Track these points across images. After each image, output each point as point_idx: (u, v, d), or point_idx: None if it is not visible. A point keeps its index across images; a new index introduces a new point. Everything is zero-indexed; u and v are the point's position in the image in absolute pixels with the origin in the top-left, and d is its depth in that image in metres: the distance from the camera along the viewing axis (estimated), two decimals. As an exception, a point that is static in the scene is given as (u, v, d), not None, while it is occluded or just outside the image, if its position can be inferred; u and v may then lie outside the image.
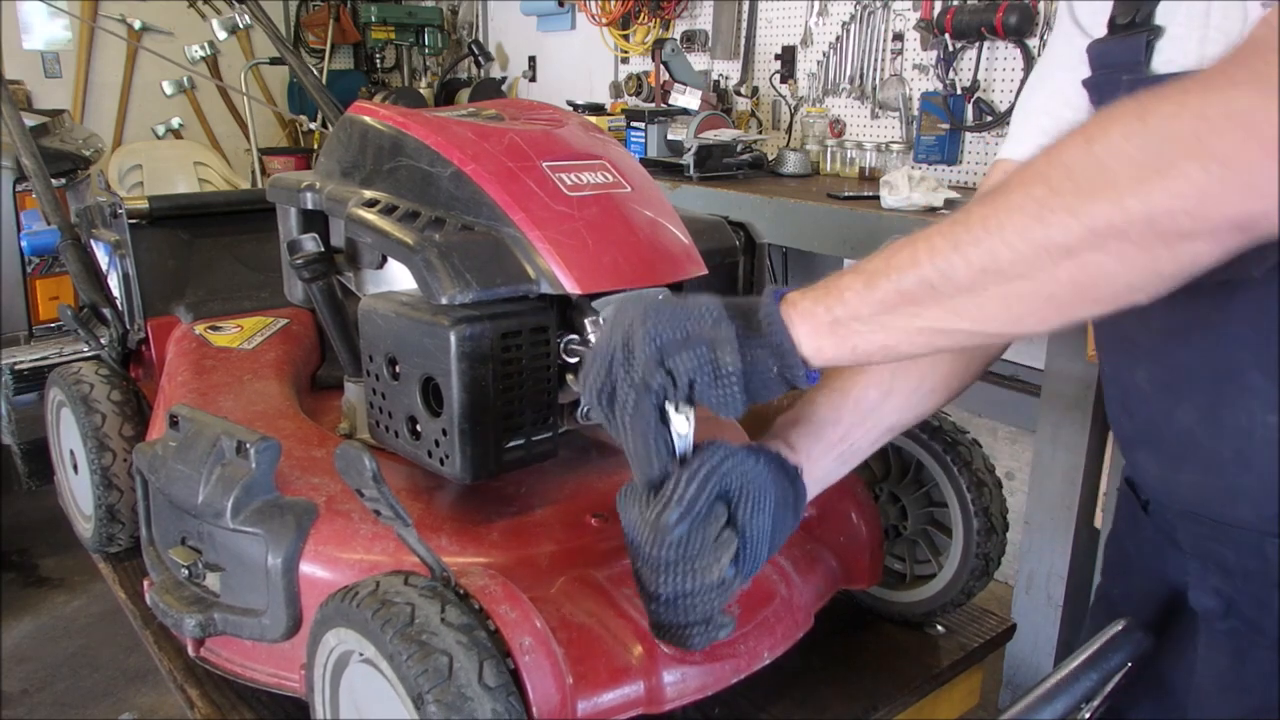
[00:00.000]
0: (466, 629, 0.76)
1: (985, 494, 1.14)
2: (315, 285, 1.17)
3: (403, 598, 0.78)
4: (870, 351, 0.75)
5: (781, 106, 3.99)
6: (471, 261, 0.98)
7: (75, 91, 5.55)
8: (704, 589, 0.81)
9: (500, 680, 0.74)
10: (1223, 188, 0.56)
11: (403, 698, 0.76)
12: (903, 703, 1.12)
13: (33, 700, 2.68)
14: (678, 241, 1.10)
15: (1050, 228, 0.62)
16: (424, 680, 0.73)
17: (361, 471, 0.80)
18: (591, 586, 0.98)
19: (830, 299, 0.75)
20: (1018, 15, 2.98)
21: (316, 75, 5.56)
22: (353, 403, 1.29)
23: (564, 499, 1.11)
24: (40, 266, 3.35)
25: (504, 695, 0.74)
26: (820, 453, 0.93)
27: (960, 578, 1.16)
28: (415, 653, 0.74)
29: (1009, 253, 0.64)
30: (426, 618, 0.76)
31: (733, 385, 0.77)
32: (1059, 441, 2.36)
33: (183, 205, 1.64)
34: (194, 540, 1.07)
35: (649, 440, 0.80)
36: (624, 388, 0.79)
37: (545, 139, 1.12)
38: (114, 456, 1.40)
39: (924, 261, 0.69)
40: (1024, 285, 0.65)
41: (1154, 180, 0.57)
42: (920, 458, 1.19)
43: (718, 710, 1.05)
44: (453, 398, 0.94)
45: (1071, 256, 0.62)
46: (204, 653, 1.09)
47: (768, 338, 0.77)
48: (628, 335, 0.79)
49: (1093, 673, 0.84)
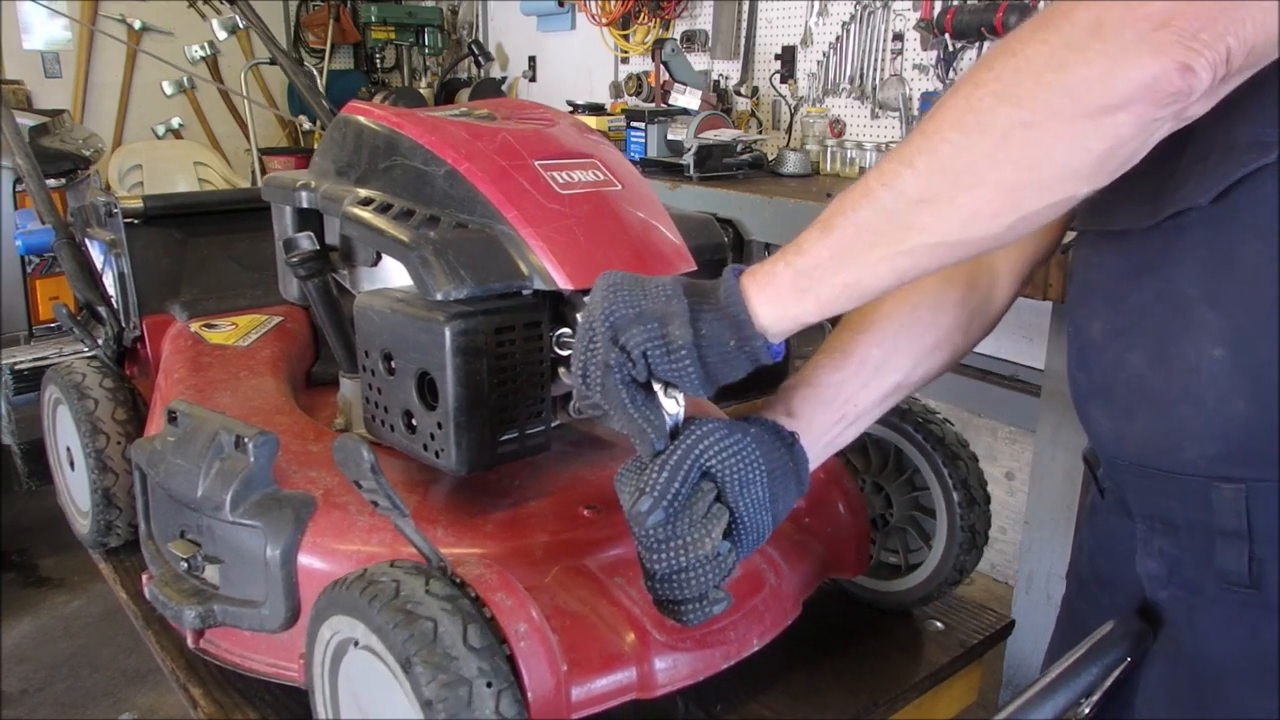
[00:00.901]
0: (450, 598, 0.78)
1: (961, 467, 1.17)
2: (310, 283, 1.18)
3: (389, 576, 0.81)
4: (834, 296, 0.76)
5: (781, 106, 4.01)
6: (466, 258, 0.99)
7: (75, 91, 5.57)
8: (696, 564, 0.82)
9: (485, 641, 0.76)
10: (1124, 58, 0.62)
11: (393, 668, 0.78)
12: (902, 699, 1.13)
13: (33, 700, 2.69)
14: (667, 238, 1.12)
15: (983, 115, 0.67)
16: (410, 645, 0.75)
17: (360, 463, 0.82)
18: (585, 576, 1.00)
19: (790, 254, 0.77)
20: (1018, 15, 2.99)
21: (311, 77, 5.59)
22: (348, 398, 1.30)
23: (558, 491, 1.12)
24: (40, 266, 3.36)
25: (489, 655, 0.76)
26: (822, 416, 0.93)
27: (950, 553, 1.18)
28: (401, 621, 0.76)
29: (948, 147, 0.69)
30: (411, 590, 0.79)
31: (684, 360, 0.78)
32: (1059, 441, 2.37)
33: (177, 204, 1.66)
34: (193, 533, 1.08)
35: (631, 418, 0.82)
36: (592, 367, 0.82)
37: (537, 138, 1.13)
38: (107, 439, 1.41)
39: (875, 189, 0.72)
40: (969, 179, 0.68)
41: (1070, 58, 0.64)
42: (897, 443, 1.21)
43: (719, 706, 1.07)
44: (447, 392, 0.95)
45: (1006, 138, 0.66)
46: (203, 644, 1.10)
47: (723, 309, 0.78)
48: (590, 315, 0.82)
49: (1092, 668, 0.84)
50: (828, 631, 1.21)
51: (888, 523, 1.24)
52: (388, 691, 0.81)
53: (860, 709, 1.09)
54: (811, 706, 1.09)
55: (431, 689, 0.74)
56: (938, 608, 1.29)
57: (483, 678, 0.74)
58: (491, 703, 0.74)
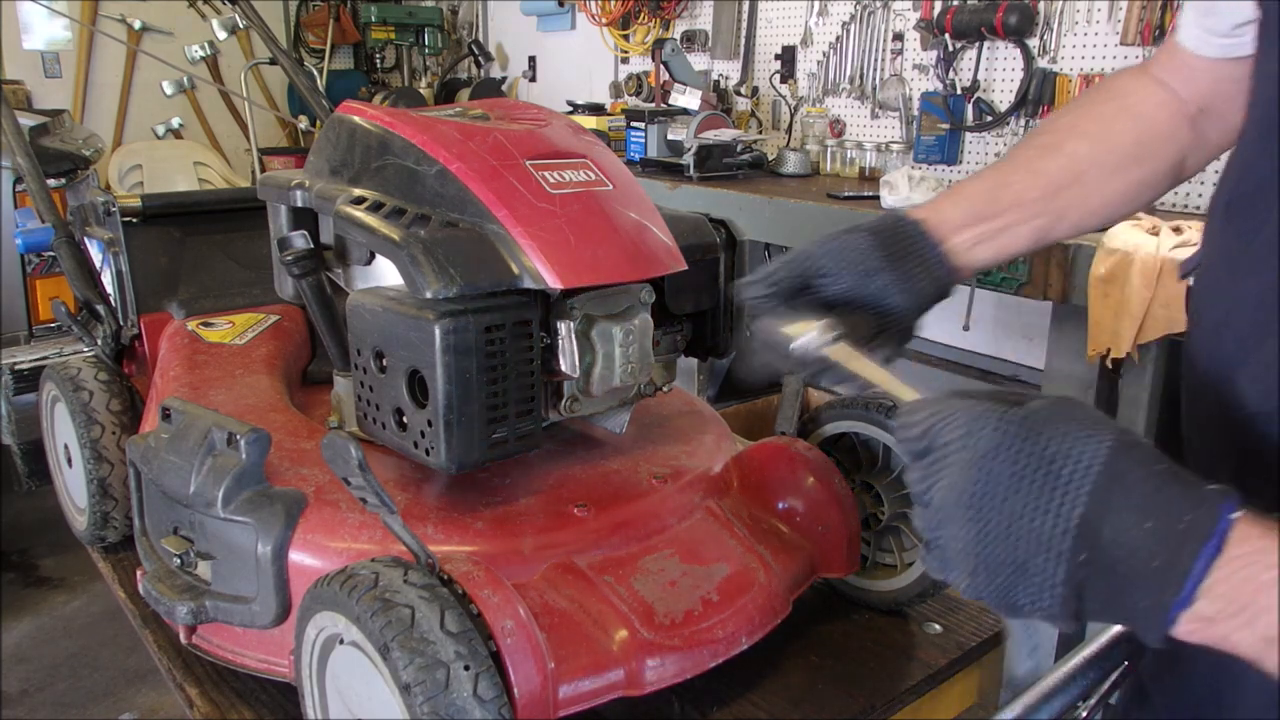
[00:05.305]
0: (428, 586, 0.79)
1: None
2: (305, 281, 1.18)
3: (369, 570, 0.82)
4: None
5: (781, 106, 4.01)
6: (456, 257, 0.99)
7: (75, 91, 5.58)
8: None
9: (462, 626, 0.77)
10: None
11: (373, 658, 0.78)
12: (900, 701, 1.13)
13: (33, 700, 2.70)
14: (658, 238, 1.12)
15: None
16: (388, 631, 0.76)
17: (348, 460, 0.82)
18: (574, 574, 1.00)
19: None
20: (1018, 15, 3.00)
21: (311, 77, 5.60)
22: (341, 396, 1.31)
23: (548, 489, 1.13)
24: (40, 266, 3.38)
25: (467, 640, 0.76)
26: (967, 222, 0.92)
27: None
28: (379, 608, 0.77)
29: None
30: (390, 580, 0.80)
31: None
32: (1059, 441, 2.36)
33: (175, 203, 1.66)
34: (186, 530, 1.09)
35: None
36: None
37: (529, 138, 1.14)
38: (102, 430, 1.42)
39: None
40: None
41: None
42: (887, 442, 1.21)
43: (715, 708, 1.07)
44: (438, 390, 0.96)
45: None
46: (196, 640, 1.11)
47: None
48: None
49: (1091, 671, 0.84)
50: (825, 634, 1.21)
51: (880, 521, 1.25)
52: (371, 686, 0.81)
53: (858, 711, 1.08)
54: (808, 709, 1.08)
55: (409, 672, 0.74)
56: (936, 610, 1.28)
57: (460, 661, 0.75)
58: (469, 685, 0.74)
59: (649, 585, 1.01)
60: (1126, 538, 0.54)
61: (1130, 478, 0.55)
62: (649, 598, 0.99)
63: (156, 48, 5.56)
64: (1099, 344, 2.09)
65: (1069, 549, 0.55)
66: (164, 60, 4.20)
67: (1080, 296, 2.11)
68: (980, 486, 0.57)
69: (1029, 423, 0.58)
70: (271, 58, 5.17)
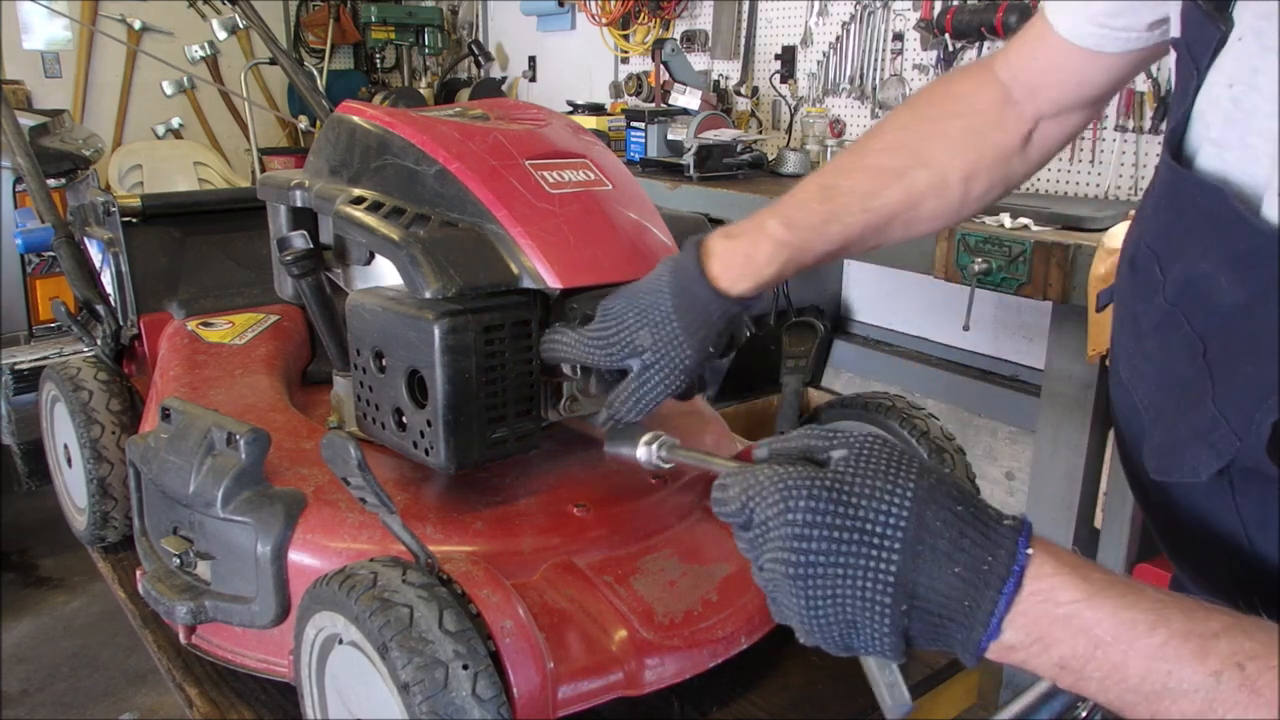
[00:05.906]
0: (426, 585, 0.80)
1: (947, 460, 1.18)
2: (304, 281, 1.18)
3: (367, 569, 0.82)
4: None
5: (781, 106, 4.01)
6: (455, 257, 1.00)
7: (75, 91, 5.58)
8: None
9: (461, 626, 0.77)
10: None
11: (372, 658, 0.78)
12: (900, 701, 1.13)
13: (33, 700, 2.69)
14: (657, 238, 1.12)
15: None
16: (386, 630, 0.76)
17: (347, 460, 0.82)
18: (573, 574, 1.00)
19: None
20: (1018, 15, 2.99)
21: (312, 77, 5.60)
22: (341, 396, 1.31)
23: (548, 489, 1.13)
24: (40, 266, 3.38)
25: (465, 639, 0.76)
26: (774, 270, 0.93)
27: None
28: (377, 608, 0.78)
29: None
30: (388, 580, 0.80)
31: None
32: (1059, 441, 2.37)
33: (175, 203, 1.66)
34: (185, 530, 1.09)
35: None
36: None
37: (528, 138, 1.14)
38: (102, 429, 1.42)
39: None
40: None
41: None
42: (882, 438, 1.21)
43: (715, 710, 1.07)
44: (437, 389, 0.96)
45: None
46: (195, 640, 1.11)
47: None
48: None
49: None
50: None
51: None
52: (370, 685, 0.81)
53: (857, 711, 1.08)
54: (809, 708, 1.08)
55: (408, 672, 0.74)
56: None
57: (459, 660, 0.75)
58: (468, 684, 0.74)
59: (648, 585, 1.01)
60: (939, 584, 0.60)
61: (935, 525, 0.61)
62: (648, 598, 1.00)
63: (156, 48, 5.55)
64: (1099, 344, 2.09)
65: (890, 603, 0.61)
66: (164, 60, 4.20)
67: (1080, 296, 2.11)
68: (803, 558, 0.62)
69: (837, 486, 0.63)
70: (271, 58, 5.19)
